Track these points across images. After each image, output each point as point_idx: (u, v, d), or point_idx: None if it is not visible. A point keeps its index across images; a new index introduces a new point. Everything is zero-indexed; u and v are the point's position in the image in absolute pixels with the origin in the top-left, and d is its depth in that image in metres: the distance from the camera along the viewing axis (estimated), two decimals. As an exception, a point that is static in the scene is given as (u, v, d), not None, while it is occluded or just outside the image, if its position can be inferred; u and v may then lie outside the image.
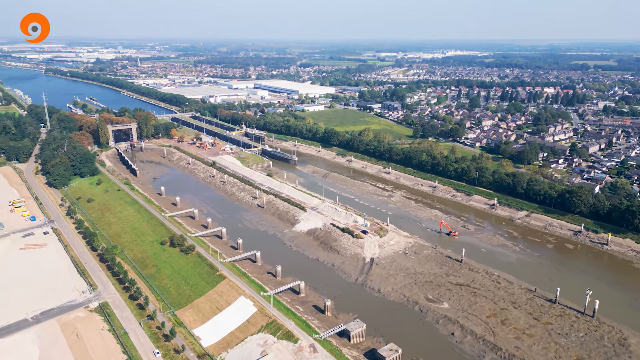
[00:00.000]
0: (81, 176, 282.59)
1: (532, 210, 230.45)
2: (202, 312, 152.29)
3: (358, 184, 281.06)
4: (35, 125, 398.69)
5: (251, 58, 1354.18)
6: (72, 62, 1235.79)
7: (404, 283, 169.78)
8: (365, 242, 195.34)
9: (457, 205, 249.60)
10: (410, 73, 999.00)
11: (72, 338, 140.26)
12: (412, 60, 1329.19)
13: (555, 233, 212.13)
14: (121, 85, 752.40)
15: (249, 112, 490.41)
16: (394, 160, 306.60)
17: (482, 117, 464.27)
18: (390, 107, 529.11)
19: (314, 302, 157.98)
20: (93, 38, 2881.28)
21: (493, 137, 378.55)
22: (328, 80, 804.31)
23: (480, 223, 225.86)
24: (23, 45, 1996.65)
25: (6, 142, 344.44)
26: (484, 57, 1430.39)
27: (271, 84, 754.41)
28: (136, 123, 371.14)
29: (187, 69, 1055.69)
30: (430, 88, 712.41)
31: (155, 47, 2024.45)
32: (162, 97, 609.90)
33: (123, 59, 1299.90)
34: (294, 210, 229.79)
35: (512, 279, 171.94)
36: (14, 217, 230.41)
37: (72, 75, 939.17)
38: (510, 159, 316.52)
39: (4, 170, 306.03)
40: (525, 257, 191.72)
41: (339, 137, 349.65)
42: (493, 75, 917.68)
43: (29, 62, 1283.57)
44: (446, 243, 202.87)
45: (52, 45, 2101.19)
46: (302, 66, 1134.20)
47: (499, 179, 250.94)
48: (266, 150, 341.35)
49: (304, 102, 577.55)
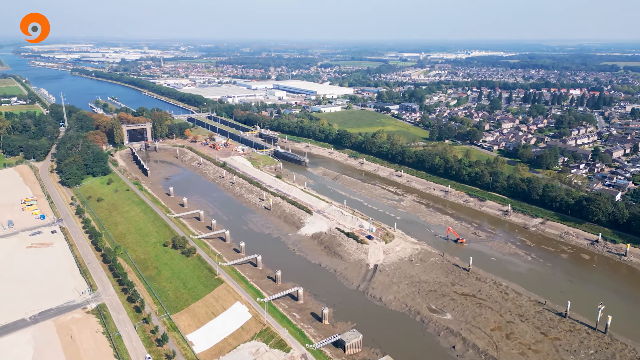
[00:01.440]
0: (93, 175, 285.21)
1: (548, 217, 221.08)
2: (197, 316, 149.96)
3: (368, 187, 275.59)
4: (55, 124, 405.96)
5: (272, 58, 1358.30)
6: (98, 63, 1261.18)
7: (407, 292, 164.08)
8: (370, 247, 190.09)
9: (469, 210, 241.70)
10: (432, 74, 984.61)
11: (66, 340, 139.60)
12: (435, 61, 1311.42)
13: (570, 242, 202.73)
14: (142, 85, 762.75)
15: (265, 112, 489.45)
16: (407, 163, 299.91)
17: (502, 119, 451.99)
18: (408, 109, 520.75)
19: (313, 309, 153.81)
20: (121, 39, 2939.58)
21: (512, 140, 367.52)
22: (347, 81, 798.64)
23: (492, 230, 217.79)
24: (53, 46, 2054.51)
25: (25, 140, 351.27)
26: (509, 57, 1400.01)
27: (290, 84, 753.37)
28: (151, 123, 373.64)
29: (209, 70, 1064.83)
30: (451, 89, 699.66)
31: (180, 47, 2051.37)
32: (181, 97, 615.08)
33: (147, 59, 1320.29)
34: (300, 213, 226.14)
35: (521, 290, 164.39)
36: (24, 216, 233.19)
37: (96, 75, 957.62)
38: (528, 163, 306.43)
39: (20, 169, 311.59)
40: (537, 267, 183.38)
41: (352, 138, 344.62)
42: (517, 76, 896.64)
43: (56, 62, 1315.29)
44: (454, 250, 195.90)
45: (81, 45, 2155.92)
46: (323, 67, 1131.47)
47: (514, 184, 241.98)
48: (278, 152, 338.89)
49: (320, 102, 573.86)
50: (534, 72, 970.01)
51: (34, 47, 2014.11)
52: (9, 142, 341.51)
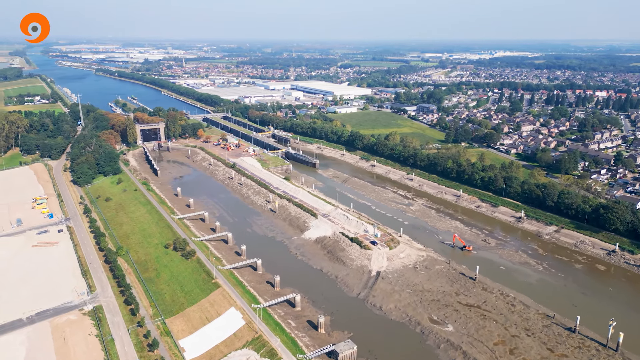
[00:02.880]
0: (104, 175, 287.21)
1: (563, 225, 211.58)
2: (191, 321, 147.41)
3: (378, 191, 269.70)
4: (72, 123, 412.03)
5: (293, 59, 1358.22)
6: (122, 63, 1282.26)
7: (409, 301, 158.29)
8: (373, 253, 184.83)
9: (481, 216, 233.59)
10: (453, 74, 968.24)
11: (59, 342, 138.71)
12: (457, 61, 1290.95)
13: (586, 252, 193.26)
14: (162, 85, 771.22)
15: (280, 113, 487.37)
16: (419, 166, 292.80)
17: (522, 121, 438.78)
18: (426, 110, 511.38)
19: (310, 316, 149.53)
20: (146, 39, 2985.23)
21: (531, 143, 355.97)
22: (365, 82, 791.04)
23: (504, 237, 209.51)
24: (80, 46, 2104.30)
25: (43, 139, 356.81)
26: (534, 58, 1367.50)
27: (307, 85, 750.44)
28: (164, 123, 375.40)
29: (229, 70, 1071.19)
30: (472, 90, 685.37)
31: (203, 47, 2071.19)
32: (199, 97, 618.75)
33: (170, 59, 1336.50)
34: (305, 217, 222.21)
35: (530, 301, 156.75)
36: (33, 214, 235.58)
37: (119, 75, 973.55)
38: (546, 167, 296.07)
39: (35, 167, 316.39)
40: (549, 277, 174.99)
41: (364, 140, 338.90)
42: (542, 77, 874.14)
43: (82, 62, 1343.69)
44: (461, 258, 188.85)
45: (108, 46, 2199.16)
46: (343, 67, 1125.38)
47: (528, 190, 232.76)
48: (289, 153, 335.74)
49: (337, 103, 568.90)
50: (560, 73, 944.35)
51: (62, 47, 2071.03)
52: (26, 141, 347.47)
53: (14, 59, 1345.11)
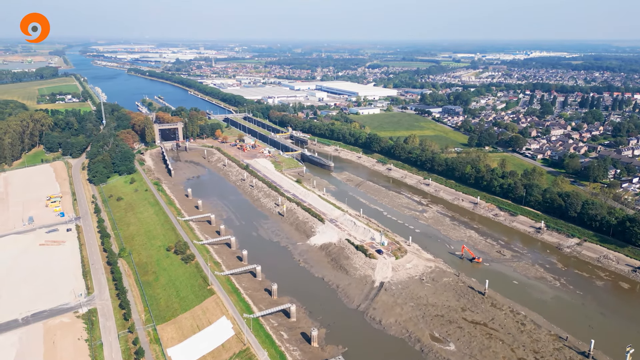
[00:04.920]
0: (119, 174, 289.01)
1: (586, 238, 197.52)
2: (182, 329, 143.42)
3: (391, 196, 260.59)
4: (96, 122, 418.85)
5: (321, 59, 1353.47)
6: (154, 62, 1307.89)
7: (411, 315, 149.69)
8: (378, 263, 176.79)
9: (498, 226, 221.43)
10: (484, 75, 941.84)
11: (48, 345, 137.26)
12: (490, 62, 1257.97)
13: (609, 268, 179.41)
14: (190, 84, 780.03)
15: (301, 114, 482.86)
16: (436, 170, 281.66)
17: (552, 125, 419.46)
18: (451, 112, 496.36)
19: (304, 328, 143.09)
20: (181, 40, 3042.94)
21: (559, 148, 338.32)
22: (392, 82, 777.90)
23: (520, 249, 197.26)
24: (117, 46, 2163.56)
25: (66, 137, 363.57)
26: (571, 58, 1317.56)
27: (332, 85, 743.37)
28: (182, 123, 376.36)
29: (257, 70, 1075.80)
30: (502, 92, 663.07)
31: (235, 48, 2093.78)
32: (223, 97, 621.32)
33: (200, 59, 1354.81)
34: (312, 221, 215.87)
35: (542, 321, 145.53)
36: (46, 212, 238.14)
37: (150, 75, 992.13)
38: (574, 174, 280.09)
39: (55, 165, 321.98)
40: (566, 294, 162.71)
41: (381, 143, 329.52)
42: (579, 79, 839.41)
43: (117, 62, 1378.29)
44: (472, 271, 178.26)
45: (143, 46, 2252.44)
46: (371, 67, 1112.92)
47: (550, 199, 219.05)
48: (304, 155, 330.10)
49: (360, 104, 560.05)
50: (598, 75, 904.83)
51: (99, 47, 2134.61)
52: (49, 139, 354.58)
53: (53, 59, 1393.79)
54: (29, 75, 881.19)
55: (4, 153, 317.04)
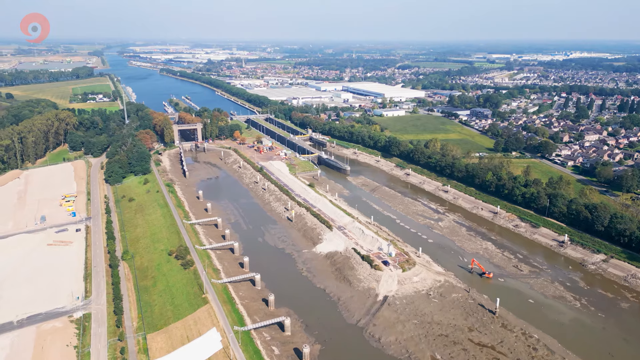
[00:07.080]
0: (135, 174, 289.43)
1: (613, 254, 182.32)
2: (172, 339, 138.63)
3: (407, 202, 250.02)
4: (120, 122, 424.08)
5: (351, 60, 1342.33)
6: (187, 63, 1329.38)
7: (412, 334, 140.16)
8: (383, 275, 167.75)
9: (518, 238, 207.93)
10: (519, 77, 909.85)
11: (37, 350, 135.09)
12: (526, 63, 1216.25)
13: (636, 288, 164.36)
14: (217, 85, 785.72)
15: (323, 115, 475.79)
16: (455, 177, 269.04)
17: (586, 130, 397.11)
18: (479, 115, 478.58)
19: (298, 344, 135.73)
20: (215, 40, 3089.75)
21: (592, 155, 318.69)
22: (421, 84, 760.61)
23: (540, 264, 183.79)
24: (153, 47, 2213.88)
25: (90, 136, 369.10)
26: (614, 59, 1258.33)
27: (359, 86, 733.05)
28: (202, 124, 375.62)
29: (286, 71, 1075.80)
30: (536, 94, 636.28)
31: (267, 49, 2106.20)
32: (249, 97, 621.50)
33: (232, 59, 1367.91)
34: (320, 228, 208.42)
35: (557, 346, 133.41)
36: (59, 212, 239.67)
37: (181, 75, 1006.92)
38: (606, 183, 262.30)
39: (76, 164, 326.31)
40: (586, 316, 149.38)
41: (401, 147, 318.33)
42: (620, 81, 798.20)
43: (151, 62, 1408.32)
44: (484, 287, 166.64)
45: (178, 47, 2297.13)
46: (401, 68, 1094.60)
47: (575, 211, 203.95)
48: (321, 158, 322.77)
49: (385, 106, 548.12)
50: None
51: (137, 47, 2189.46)
52: (73, 138, 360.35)
53: (91, 59, 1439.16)
54: (65, 75, 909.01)
55: (28, 151, 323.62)
